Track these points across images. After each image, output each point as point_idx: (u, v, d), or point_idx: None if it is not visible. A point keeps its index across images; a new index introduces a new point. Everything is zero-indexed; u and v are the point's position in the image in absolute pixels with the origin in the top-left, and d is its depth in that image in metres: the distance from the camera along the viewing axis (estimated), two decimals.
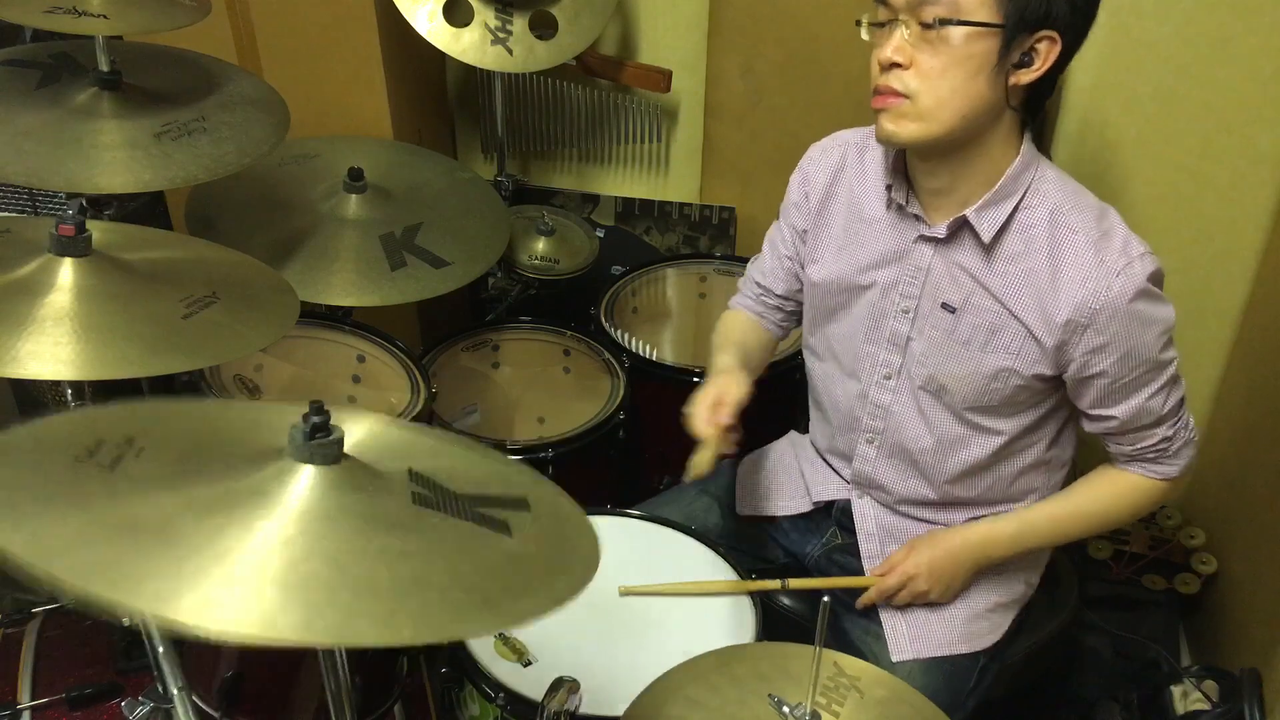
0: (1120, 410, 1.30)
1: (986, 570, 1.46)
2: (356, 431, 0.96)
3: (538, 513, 0.93)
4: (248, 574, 0.73)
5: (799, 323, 1.60)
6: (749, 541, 1.60)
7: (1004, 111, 1.24)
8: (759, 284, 1.62)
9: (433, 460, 0.96)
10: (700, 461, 1.36)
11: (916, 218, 1.34)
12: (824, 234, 1.47)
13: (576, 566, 0.87)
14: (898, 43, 1.21)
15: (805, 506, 1.58)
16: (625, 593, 1.39)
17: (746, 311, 1.65)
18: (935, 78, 1.20)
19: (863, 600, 1.45)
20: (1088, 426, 1.36)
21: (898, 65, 1.21)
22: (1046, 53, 1.20)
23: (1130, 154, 1.83)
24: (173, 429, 0.93)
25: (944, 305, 1.34)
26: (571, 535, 0.93)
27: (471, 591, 0.78)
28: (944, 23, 1.18)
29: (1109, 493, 1.40)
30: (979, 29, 1.17)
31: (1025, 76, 1.21)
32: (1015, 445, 1.39)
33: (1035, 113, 1.28)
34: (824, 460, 1.59)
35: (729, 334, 1.61)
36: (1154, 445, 1.34)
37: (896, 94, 1.22)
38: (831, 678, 1.10)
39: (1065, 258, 1.25)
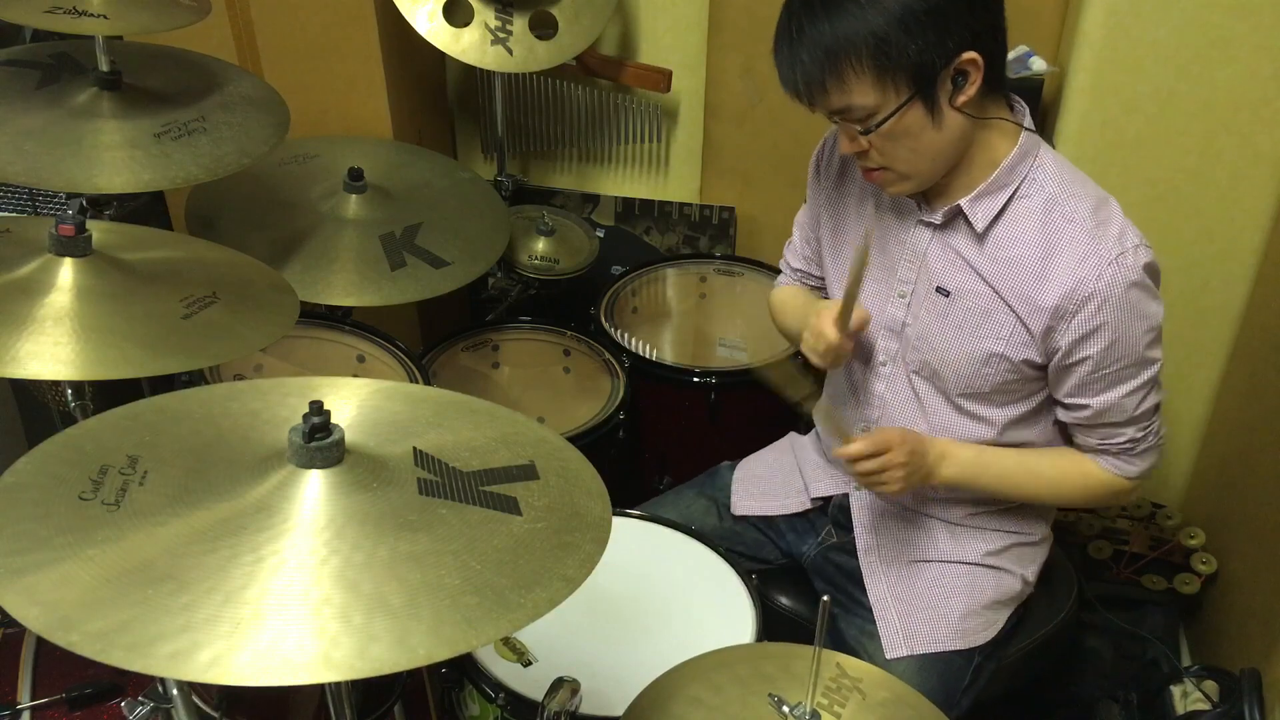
0: (1095, 401, 1.30)
1: (982, 566, 1.46)
2: (354, 408, 0.97)
3: (546, 478, 0.94)
4: (260, 615, 0.74)
5: None
6: (747, 543, 1.60)
7: (976, 119, 1.25)
8: (799, 269, 1.62)
9: (436, 433, 0.96)
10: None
11: (916, 203, 1.35)
12: (836, 215, 1.47)
13: (587, 536, 0.88)
14: (846, 141, 1.27)
15: (803, 505, 1.58)
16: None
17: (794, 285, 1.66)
18: (893, 153, 1.25)
19: (837, 452, 1.36)
20: (1062, 415, 1.36)
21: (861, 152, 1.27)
22: (973, 69, 1.20)
23: (1130, 154, 1.83)
24: (174, 437, 0.93)
25: (938, 289, 1.35)
26: (581, 498, 0.93)
27: (483, 591, 0.78)
28: (867, 131, 1.23)
29: (1069, 467, 1.39)
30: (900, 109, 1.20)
31: (969, 93, 1.21)
32: (1008, 436, 1.39)
33: (1001, 83, 1.26)
34: (824, 456, 1.59)
35: (801, 298, 1.61)
36: (1120, 443, 1.34)
37: (876, 168, 1.28)
38: (834, 679, 1.10)
39: (1060, 245, 1.25)
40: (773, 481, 1.62)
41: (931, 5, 1.15)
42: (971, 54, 1.18)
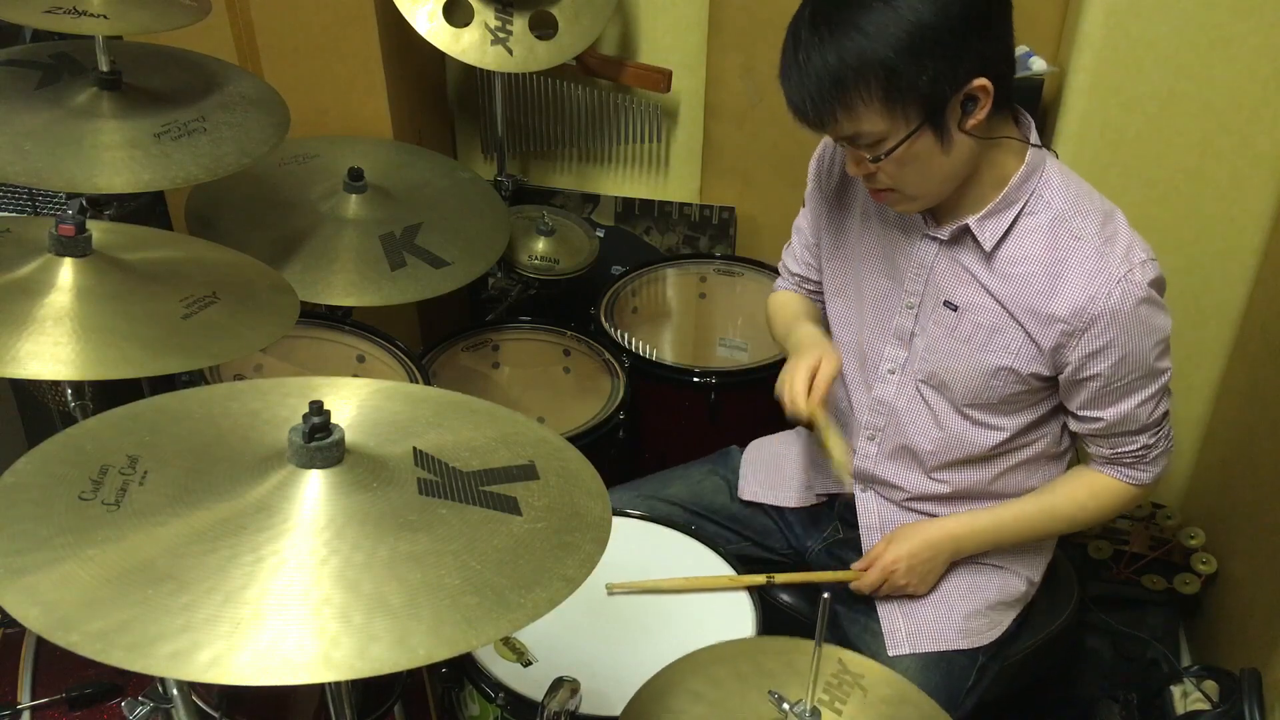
0: (1108, 413, 1.31)
1: (986, 566, 1.46)
2: (354, 408, 0.97)
3: (546, 478, 0.94)
4: (260, 615, 0.74)
5: None
6: (756, 529, 1.61)
7: (984, 141, 1.24)
8: (796, 274, 1.62)
9: (436, 433, 0.96)
10: (821, 422, 1.39)
11: (923, 218, 1.35)
12: (837, 222, 1.47)
13: (587, 536, 0.88)
14: (854, 164, 1.26)
15: (807, 500, 1.58)
16: (613, 591, 1.39)
17: (793, 291, 1.65)
18: (902, 176, 1.24)
19: (854, 587, 1.45)
20: (1073, 426, 1.38)
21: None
22: (983, 94, 1.18)
23: (1130, 154, 1.83)
24: (174, 437, 0.93)
25: (946, 303, 1.35)
26: (581, 498, 0.93)
27: (483, 591, 0.78)
28: (876, 159, 1.21)
29: (1083, 495, 1.40)
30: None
31: (979, 116, 1.19)
32: (1016, 441, 1.39)
33: (1009, 102, 1.25)
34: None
35: (792, 308, 1.60)
36: (1133, 451, 1.35)
37: (884, 189, 1.27)
38: (835, 674, 1.09)
39: (1067, 264, 1.25)
40: (780, 472, 1.62)
41: (942, 35, 1.13)
42: (982, 80, 1.17)
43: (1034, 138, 1.29)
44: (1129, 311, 1.23)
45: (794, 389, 1.37)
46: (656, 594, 1.41)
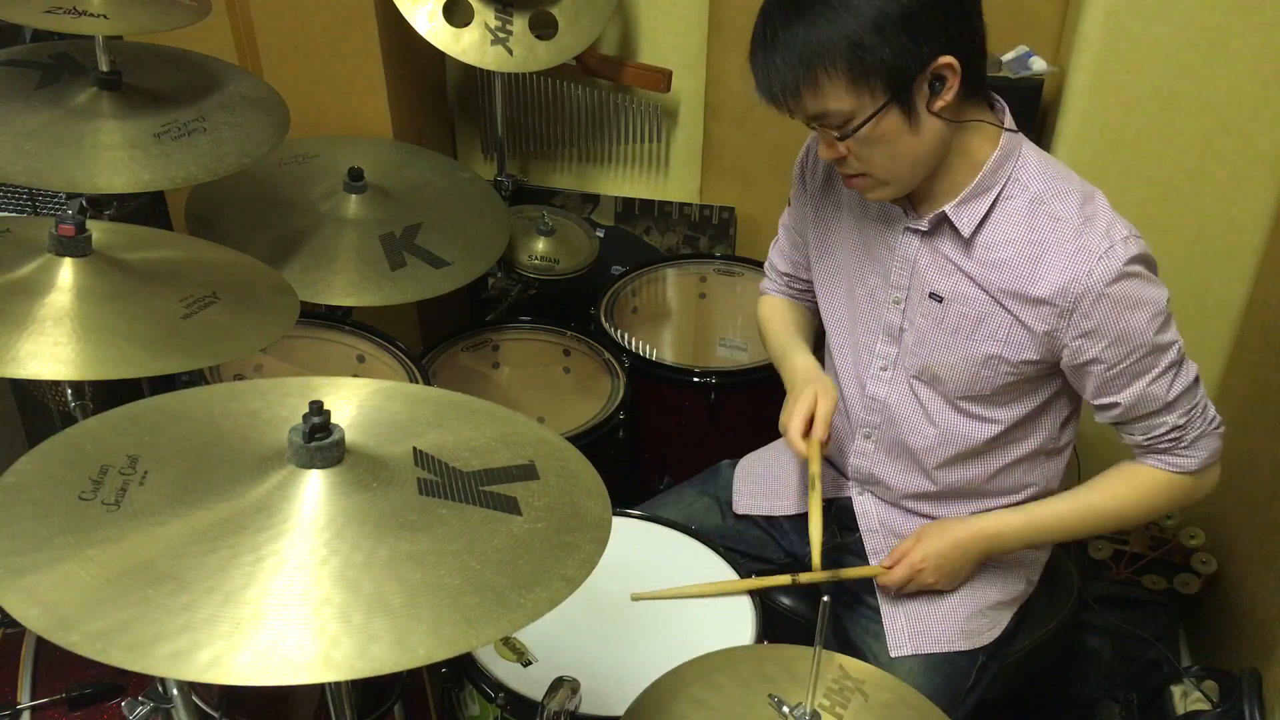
0: (1123, 397, 1.29)
1: (987, 566, 1.46)
2: (354, 408, 0.97)
3: (546, 478, 0.94)
4: (260, 615, 0.74)
5: None
6: (750, 542, 1.60)
7: (955, 123, 1.24)
8: (785, 274, 1.62)
9: (436, 433, 0.96)
10: (813, 474, 1.41)
11: (903, 209, 1.35)
12: (823, 222, 1.47)
13: (587, 536, 0.88)
14: (825, 147, 1.27)
15: (804, 506, 1.58)
16: (637, 598, 1.39)
17: (780, 297, 1.66)
18: (871, 158, 1.24)
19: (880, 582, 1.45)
20: (1098, 417, 1.35)
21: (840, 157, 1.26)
22: (950, 73, 1.19)
23: (1130, 154, 1.83)
24: (174, 437, 0.93)
25: (931, 295, 1.35)
26: (581, 498, 0.93)
27: (483, 591, 0.78)
28: (844, 136, 1.22)
29: (1124, 489, 1.37)
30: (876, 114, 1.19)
31: (946, 97, 1.20)
32: (1012, 435, 1.39)
33: (981, 85, 1.26)
34: (823, 458, 1.59)
35: (783, 321, 1.61)
36: (1165, 434, 1.31)
37: (855, 175, 1.28)
38: (836, 680, 1.09)
39: (1048, 245, 1.25)
40: (774, 481, 1.62)
41: (905, 10, 1.14)
42: (948, 58, 1.17)
43: (1008, 122, 1.29)
44: (1111, 288, 1.22)
45: (793, 432, 1.42)
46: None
